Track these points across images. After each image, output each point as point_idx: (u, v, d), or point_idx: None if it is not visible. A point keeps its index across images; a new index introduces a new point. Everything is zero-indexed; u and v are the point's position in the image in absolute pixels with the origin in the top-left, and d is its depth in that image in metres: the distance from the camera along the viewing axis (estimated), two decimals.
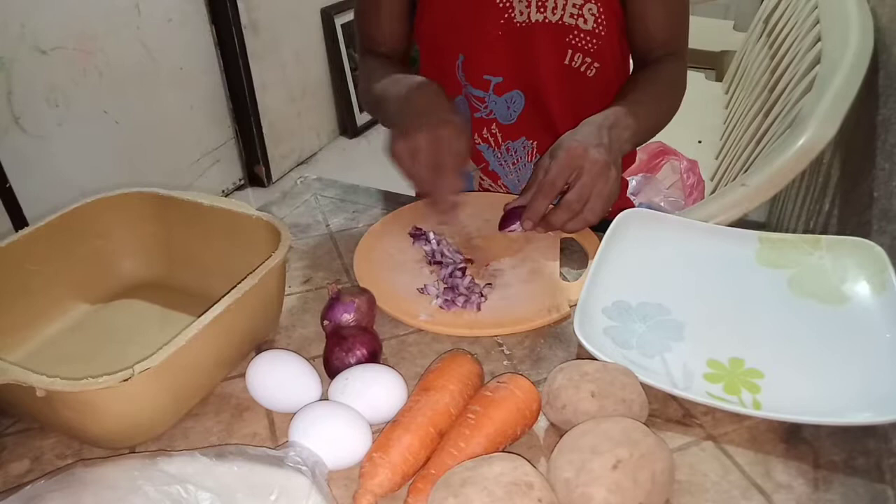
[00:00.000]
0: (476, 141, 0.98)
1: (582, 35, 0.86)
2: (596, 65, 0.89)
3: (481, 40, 0.89)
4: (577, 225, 0.73)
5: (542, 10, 0.85)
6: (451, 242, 0.77)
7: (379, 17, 0.94)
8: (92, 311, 0.69)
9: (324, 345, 0.60)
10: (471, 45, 0.90)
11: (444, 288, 0.70)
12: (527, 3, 0.85)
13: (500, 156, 0.99)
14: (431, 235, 0.76)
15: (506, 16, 0.87)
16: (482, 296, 0.69)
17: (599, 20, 0.85)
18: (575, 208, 0.71)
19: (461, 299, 0.68)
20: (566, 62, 0.89)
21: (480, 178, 1.03)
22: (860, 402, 0.54)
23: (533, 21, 0.86)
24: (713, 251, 0.72)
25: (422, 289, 0.70)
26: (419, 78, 0.83)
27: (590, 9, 0.84)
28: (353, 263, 0.75)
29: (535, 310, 0.67)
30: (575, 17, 0.85)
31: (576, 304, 0.64)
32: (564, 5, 0.85)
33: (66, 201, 0.67)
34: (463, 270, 0.72)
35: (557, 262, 0.74)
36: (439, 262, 0.73)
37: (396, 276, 0.73)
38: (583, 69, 0.89)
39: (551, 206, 0.74)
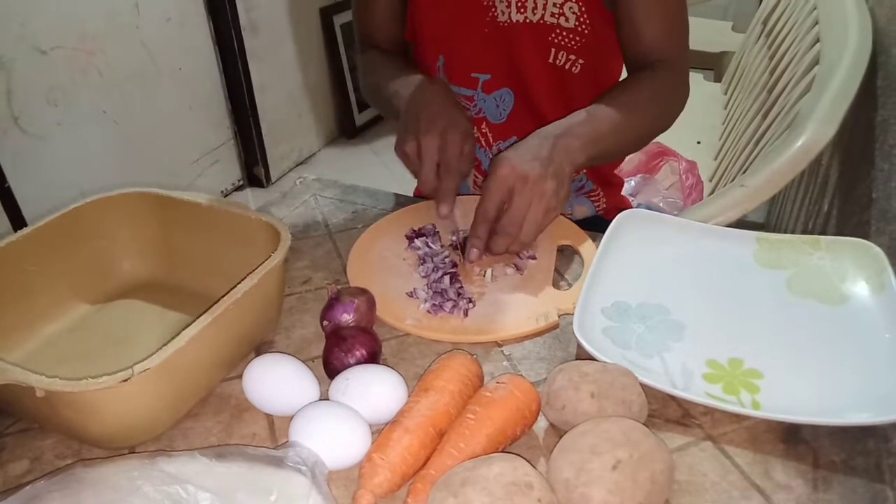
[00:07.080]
0: None
1: (564, 33, 0.86)
2: (581, 61, 0.88)
3: (468, 38, 0.89)
4: (517, 248, 0.71)
5: (522, 10, 0.85)
6: (443, 247, 0.76)
7: (375, 14, 0.95)
8: (91, 312, 0.69)
9: (323, 345, 0.60)
10: (456, 43, 0.90)
11: (433, 293, 0.69)
12: (507, 4, 0.85)
13: (491, 156, 0.99)
14: (426, 239, 0.76)
15: (490, 14, 0.87)
16: (471, 302, 0.68)
17: (581, 18, 0.84)
18: (511, 232, 0.69)
19: (449, 304, 0.67)
20: (550, 60, 0.88)
21: (475, 176, 1.03)
22: (859, 402, 0.54)
23: (514, 21, 0.86)
24: (712, 252, 0.73)
25: (411, 293, 0.70)
26: (427, 77, 0.83)
27: (571, 7, 0.83)
28: (347, 264, 0.74)
29: (522, 318, 0.66)
30: (556, 16, 0.84)
31: (565, 314, 0.64)
32: (545, 5, 0.84)
33: (66, 201, 0.67)
34: (453, 275, 0.71)
35: (552, 269, 0.73)
36: (433, 266, 0.73)
37: (388, 279, 0.72)
38: (567, 66, 0.89)
39: None
